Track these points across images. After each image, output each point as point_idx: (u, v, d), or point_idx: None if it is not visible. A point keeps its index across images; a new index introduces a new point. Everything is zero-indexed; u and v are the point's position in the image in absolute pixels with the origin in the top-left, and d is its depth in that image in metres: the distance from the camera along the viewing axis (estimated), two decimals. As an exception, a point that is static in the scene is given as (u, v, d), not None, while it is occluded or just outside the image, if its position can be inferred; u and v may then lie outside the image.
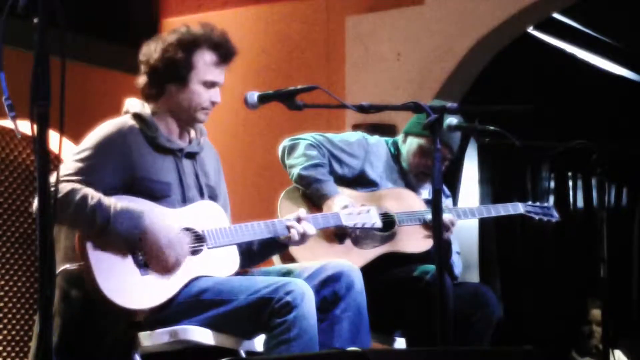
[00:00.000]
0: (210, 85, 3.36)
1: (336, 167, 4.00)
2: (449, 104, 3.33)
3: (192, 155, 3.41)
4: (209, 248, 3.27)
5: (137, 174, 3.22)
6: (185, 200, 3.32)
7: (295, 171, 3.92)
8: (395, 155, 4.15)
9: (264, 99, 3.30)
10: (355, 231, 3.80)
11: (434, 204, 3.10)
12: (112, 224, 3.07)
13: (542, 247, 7.83)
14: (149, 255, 3.15)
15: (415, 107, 3.27)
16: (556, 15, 6.78)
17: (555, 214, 4.31)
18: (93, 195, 3.09)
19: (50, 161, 2.22)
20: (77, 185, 3.09)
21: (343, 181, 4.00)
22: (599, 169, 3.97)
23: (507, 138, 3.55)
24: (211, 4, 6.71)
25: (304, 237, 3.41)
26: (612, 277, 4.01)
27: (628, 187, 8.80)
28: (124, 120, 3.31)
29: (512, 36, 6.17)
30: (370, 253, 3.89)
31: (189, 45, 3.32)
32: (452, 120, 3.60)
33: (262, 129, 6.32)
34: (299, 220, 3.41)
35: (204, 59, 3.34)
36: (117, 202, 3.10)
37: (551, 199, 8.18)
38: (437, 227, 3.10)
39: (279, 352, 3.09)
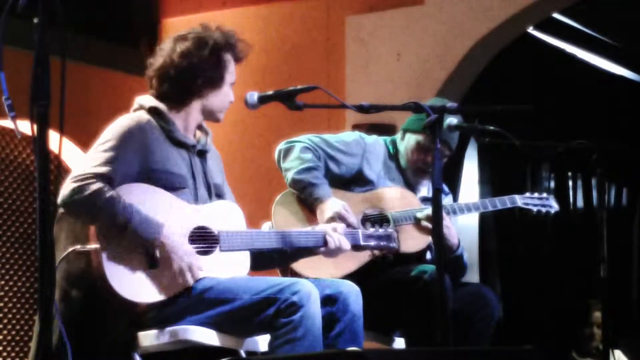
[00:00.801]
0: (232, 85, 3.45)
1: (333, 167, 3.99)
2: (449, 104, 3.33)
3: (202, 154, 3.44)
4: (221, 250, 3.28)
5: (154, 166, 3.23)
6: (197, 196, 3.33)
7: (289, 175, 3.92)
8: (394, 153, 4.15)
9: (264, 99, 3.31)
10: (373, 251, 3.78)
11: (434, 204, 3.10)
12: (130, 228, 3.09)
13: (542, 247, 7.83)
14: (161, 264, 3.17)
15: (415, 107, 3.27)
16: (556, 15, 6.78)
17: (554, 204, 4.28)
18: (119, 197, 3.10)
19: (50, 161, 2.22)
20: (105, 187, 3.10)
21: (341, 181, 4.00)
22: (599, 169, 3.97)
23: (507, 138, 3.55)
24: (211, 4, 6.71)
25: (339, 250, 3.45)
26: (612, 277, 4.00)
27: (628, 187, 8.79)
28: (140, 114, 3.33)
29: (512, 36, 6.17)
30: (366, 255, 3.88)
31: (224, 49, 3.38)
32: (452, 120, 3.61)
33: (262, 129, 6.32)
34: (335, 231, 3.45)
35: (231, 61, 3.42)
36: (140, 210, 3.12)
37: (551, 199, 8.16)
38: (437, 227, 3.09)
39: (283, 351, 3.10)
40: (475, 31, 5.94)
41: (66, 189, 3.08)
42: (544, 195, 4.30)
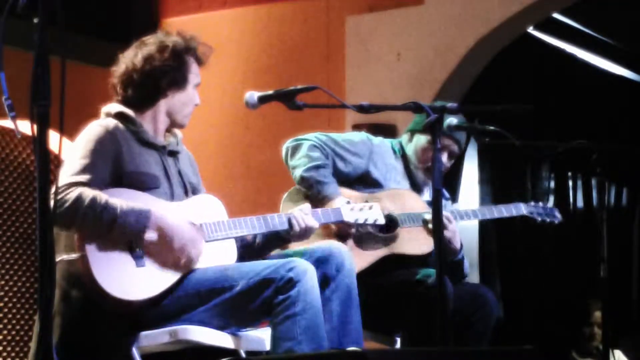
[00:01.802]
0: (197, 87, 3.49)
1: (340, 165, 3.99)
2: (449, 104, 3.33)
3: (173, 154, 3.47)
4: (206, 241, 3.30)
5: (126, 168, 3.27)
6: (173, 195, 3.36)
7: (297, 172, 3.92)
8: (401, 155, 4.13)
9: (264, 99, 3.31)
10: (357, 229, 3.79)
11: (434, 204, 3.10)
12: (118, 223, 3.10)
13: (542, 246, 7.82)
14: (161, 252, 3.18)
15: (415, 107, 3.27)
16: (556, 15, 6.78)
17: (558, 215, 4.28)
18: (101, 197, 3.12)
19: (50, 161, 2.22)
20: (85, 190, 3.12)
21: (347, 180, 3.99)
22: (599, 169, 3.96)
23: (507, 138, 3.55)
24: (211, 4, 6.71)
25: (306, 231, 3.46)
26: (612, 277, 4.00)
27: (628, 187, 8.79)
28: (107, 120, 3.38)
29: (512, 36, 6.17)
30: (373, 255, 3.87)
31: (184, 50, 3.43)
32: (452, 120, 3.61)
33: (262, 129, 6.32)
34: (301, 212, 3.46)
35: (194, 63, 3.46)
36: (123, 202, 3.14)
37: (551, 199, 8.18)
38: (437, 228, 3.09)
39: (285, 327, 3.13)
40: (475, 31, 5.93)
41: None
42: (549, 205, 4.30)
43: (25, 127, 2.24)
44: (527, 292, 7.53)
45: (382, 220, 3.70)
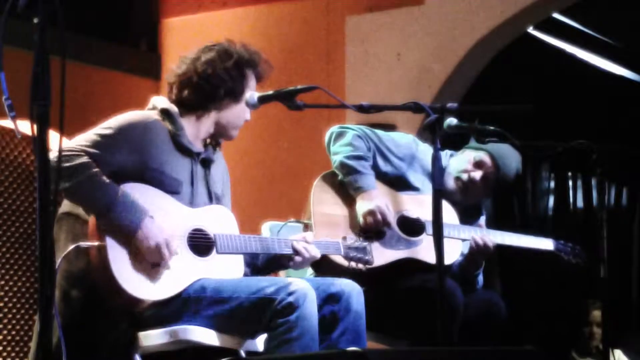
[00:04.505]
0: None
1: (380, 162, 3.98)
2: (449, 104, 3.32)
3: (206, 163, 3.44)
4: (218, 253, 3.30)
5: (150, 165, 3.24)
6: (192, 203, 3.34)
7: (338, 158, 3.91)
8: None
9: (264, 99, 3.32)
10: (350, 261, 3.76)
11: (434, 204, 3.09)
12: (113, 210, 3.07)
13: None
14: (138, 251, 3.14)
15: (415, 107, 3.27)
16: (556, 15, 6.78)
17: (584, 255, 4.29)
18: (104, 177, 3.09)
19: (50, 161, 2.22)
20: (92, 163, 3.10)
21: (384, 179, 3.98)
22: (599, 169, 3.97)
23: (507, 138, 3.54)
24: (211, 4, 6.71)
25: (309, 260, 3.47)
26: (612, 277, 4.00)
27: (628, 187, 8.79)
28: (149, 113, 3.35)
29: (512, 36, 6.17)
30: (392, 255, 3.85)
31: (247, 64, 3.42)
32: (452, 120, 3.60)
33: (262, 129, 6.31)
34: (305, 242, 3.47)
35: (253, 79, 3.46)
36: (124, 191, 3.11)
37: (551, 199, 8.18)
38: (437, 227, 3.08)
39: (280, 351, 3.11)
40: (475, 31, 5.93)
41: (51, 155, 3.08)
42: (577, 246, 4.30)
43: (25, 127, 2.24)
44: (527, 292, 7.53)
45: (371, 263, 3.69)
